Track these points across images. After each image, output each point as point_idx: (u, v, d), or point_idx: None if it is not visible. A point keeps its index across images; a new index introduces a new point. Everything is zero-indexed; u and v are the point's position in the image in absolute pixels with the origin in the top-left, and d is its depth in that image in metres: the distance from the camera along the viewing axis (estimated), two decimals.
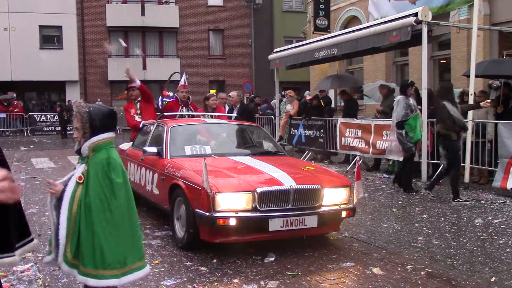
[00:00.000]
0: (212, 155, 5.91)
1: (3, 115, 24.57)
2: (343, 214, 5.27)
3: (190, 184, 5.10)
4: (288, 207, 4.92)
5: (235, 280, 4.37)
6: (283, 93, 15.20)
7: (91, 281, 2.88)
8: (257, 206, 4.80)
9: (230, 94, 9.82)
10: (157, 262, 4.92)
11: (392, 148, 9.20)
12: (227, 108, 9.45)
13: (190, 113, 8.12)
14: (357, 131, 10.97)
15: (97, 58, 27.61)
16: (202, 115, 8.07)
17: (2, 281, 4.35)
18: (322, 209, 5.10)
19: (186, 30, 29.12)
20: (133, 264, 2.94)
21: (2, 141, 20.71)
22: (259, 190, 4.80)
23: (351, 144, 11.14)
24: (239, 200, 4.81)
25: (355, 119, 11.58)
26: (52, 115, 25.24)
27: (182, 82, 8.54)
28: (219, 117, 8.00)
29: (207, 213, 4.71)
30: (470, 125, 8.40)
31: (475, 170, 9.17)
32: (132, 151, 7.36)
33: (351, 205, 5.35)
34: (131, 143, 7.75)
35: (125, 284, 2.96)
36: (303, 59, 12.81)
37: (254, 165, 5.59)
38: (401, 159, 9.86)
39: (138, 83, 7.65)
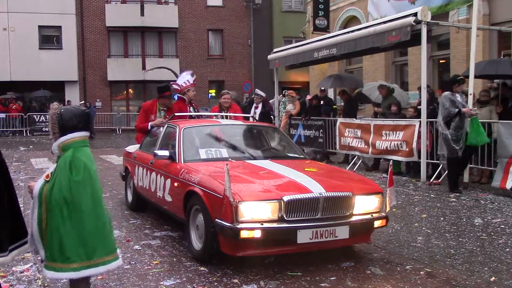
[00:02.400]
0: (230, 159, 5.50)
1: (3, 115, 24.57)
2: (376, 223, 4.83)
3: (208, 192, 4.66)
4: (317, 217, 4.48)
5: (235, 280, 4.36)
6: (284, 92, 15.18)
7: (49, 273, 3.04)
8: (284, 216, 4.36)
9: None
10: (156, 262, 4.91)
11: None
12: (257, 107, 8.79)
13: (205, 113, 7.64)
14: (357, 131, 10.97)
15: (97, 58, 27.66)
16: (216, 115, 7.66)
17: (1, 282, 4.35)
18: (354, 218, 4.66)
19: (185, 30, 29.11)
20: (100, 258, 3.04)
21: (2, 141, 20.71)
22: (286, 198, 4.36)
23: (350, 144, 11.14)
24: (264, 209, 4.38)
25: (354, 119, 11.59)
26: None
27: (191, 81, 7.86)
28: (234, 118, 7.53)
29: (229, 224, 4.29)
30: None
31: (474, 169, 9.17)
32: (140, 154, 6.97)
33: (383, 214, 4.89)
34: (139, 145, 7.38)
35: (85, 276, 3.04)
36: (303, 59, 12.81)
37: (277, 170, 5.15)
38: (401, 159, 9.90)
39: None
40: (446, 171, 8.60)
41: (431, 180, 9.06)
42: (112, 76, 28.02)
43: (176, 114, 7.07)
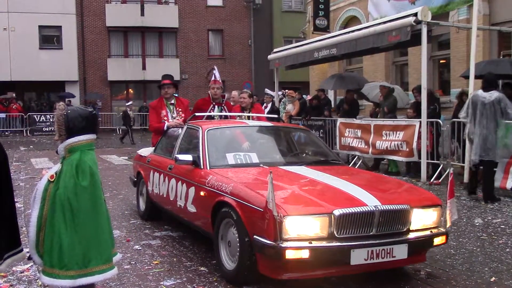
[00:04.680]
0: (260, 165, 4.99)
1: (3, 115, 24.60)
2: (436, 241, 4.22)
3: (244, 203, 4.07)
4: (371, 234, 3.91)
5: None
6: (285, 92, 15.18)
7: (45, 279, 2.98)
8: (335, 232, 3.79)
9: (233, 93, 8.95)
10: (156, 262, 4.91)
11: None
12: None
13: (222, 113, 7.09)
14: (357, 131, 10.97)
15: (97, 58, 27.68)
16: (239, 116, 7.07)
17: (1, 281, 4.36)
18: (412, 235, 4.09)
19: (185, 30, 29.12)
20: (96, 266, 3.00)
21: (2, 141, 20.66)
22: (337, 212, 3.78)
23: (350, 144, 11.14)
24: (312, 225, 3.79)
25: (354, 119, 11.59)
26: (51, 115, 25.21)
27: (214, 77, 7.32)
28: (258, 118, 6.94)
29: (271, 242, 3.69)
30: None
31: None
32: (156, 158, 6.39)
33: (443, 229, 4.28)
34: (153, 148, 6.79)
35: (81, 284, 2.99)
36: (303, 59, 12.81)
37: (319, 178, 4.59)
38: (401, 159, 9.90)
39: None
40: (483, 180, 7.81)
41: (431, 180, 9.07)
42: (112, 76, 28.03)
43: (196, 114, 6.50)
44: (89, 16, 27.99)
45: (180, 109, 6.93)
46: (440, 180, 8.95)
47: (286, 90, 15.06)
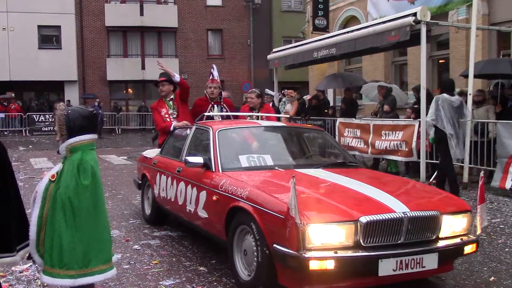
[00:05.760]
0: (276, 168, 4.78)
1: (2, 115, 24.58)
2: (466, 249, 3.98)
3: (263, 209, 3.82)
4: (399, 242, 3.67)
5: (235, 280, 4.36)
6: (283, 92, 15.18)
7: (46, 278, 2.98)
8: (361, 241, 3.55)
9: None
10: (156, 262, 4.91)
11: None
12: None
13: (233, 113, 6.92)
14: (356, 131, 10.97)
15: (96, 58, 27.67)
16: (249, 115, 6.85)
17: (1, 281, 4.35)
18: (441, 243, 3.86)
19: (185, 30, 29.11)
20: (96, 266, 3.00)
21: (1, 141, 20.65)
22: (364, 219, 3.54)
23: (350, 144, 11.14)
24: (337, 233, 3.54)
25: (353, 119, 11.60)
26: (50, 115, 25.22)
27: (214, 76, 7.17)
28: (268, 118, 6.69)
29: (294, 252, 3.45)
30: (469, 124, 8.41)
31: (474, 169, 9.17)
32: (162, 160, 6.14)
33: (473, 237, 4.07)
34: (159, 150, 6.55)
35: (83, 285, 2.99)
36: (302, 59, 12.79)
37: (341, 182, 4.33)
38: (400, 159, 9.90)
39: (177, 78, 6.65)
40: (448, 176, 8.11)
41: (431, 180, 9.06)
42: (112, 76, 28.02)
43: (205, 114, 6.25)
44: (88, 16, 27.98)
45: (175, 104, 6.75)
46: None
47: (286, 90, 15.05)
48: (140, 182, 6.88)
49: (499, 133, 8.07)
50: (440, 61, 14.15)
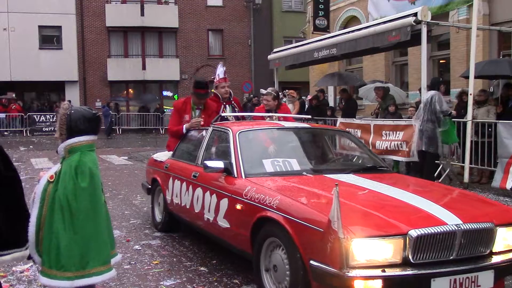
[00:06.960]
0: (303, 173, 4.39)
1: (2, 115, 24.57)
2: None
3: (297, 221, 3.44)
4: (451, 258, 3.29)
5: (235, 280, 4.36)
6: (284, 92, 15.19)
7: (43, 279, 2.97)
8: (410, 257, 3.17)
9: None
10: (156, 262, 4.92)
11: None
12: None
13: (250, 114, 6.47)
14: (356, 131, 10.96)
15: (97, 58, 27.69)
16: (269, 116, 6.36)
17: (1, 281, 4.36)
18: (496, 258, 3.45)
19: (185, 30, 29.12)
20: (94, 268, 2.97)
21: (2, 141, 20.70)
22: (414, 233, 3.15)
23: None
24: (383, 249, 3.16)
25: (354, 119, 11.59)
26: (51, 115, 25.23)
27: (221, 75, 6.81)
28: (285, 119, 6.22)
29: (336, 270, 3.07)
30: (469, 125, 8.41)
31: (474, 170, 9.18)
32: (175, 164, 5.73)
33: None
34: (171, 152, 6.12)
35: (80, 286, 2.97)
36: (303, 59, 12.80)
37: (379, 189, 3.92)
38: (401, 159, 9.90)
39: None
40: (425, 170, 8.40)
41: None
42: (112, 76, 28.04)
43: (222, 114, 5.93)
44: (89, 16, 27.99)
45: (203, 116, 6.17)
46: (440, 180, 8.94)
47: (287, 90, 15.06)
48: (149, 187, 6.49)
49: (500, 133, 8.07)
50: (441, 61, 14.16)
